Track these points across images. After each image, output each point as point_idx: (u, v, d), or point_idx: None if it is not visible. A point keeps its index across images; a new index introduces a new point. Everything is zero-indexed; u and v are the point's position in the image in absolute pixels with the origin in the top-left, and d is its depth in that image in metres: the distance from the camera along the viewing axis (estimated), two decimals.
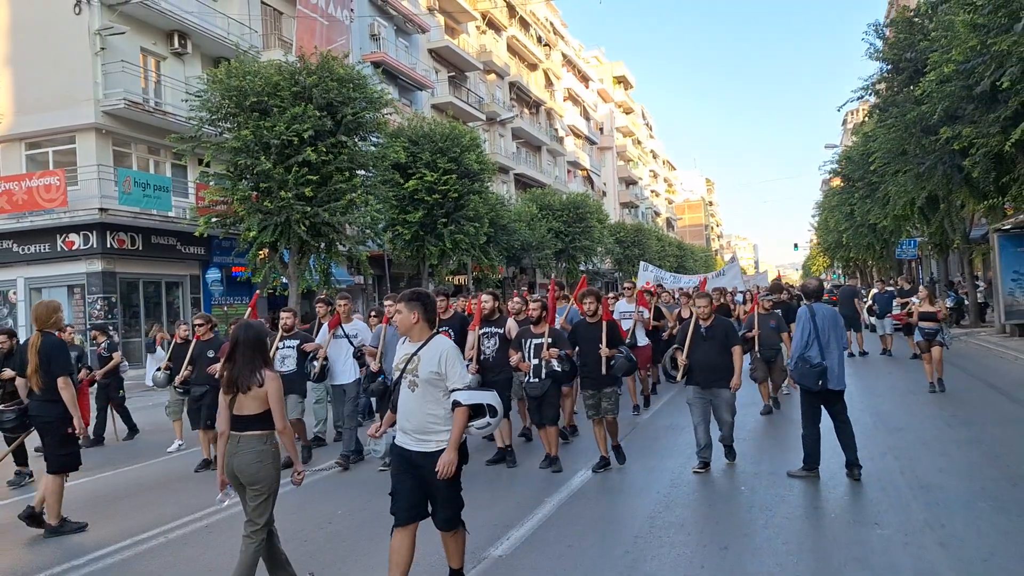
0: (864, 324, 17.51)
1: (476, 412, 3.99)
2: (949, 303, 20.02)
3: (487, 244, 25.45)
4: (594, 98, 68.58)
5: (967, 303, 22.12)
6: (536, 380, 7.04)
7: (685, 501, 6.02)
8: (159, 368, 9.23)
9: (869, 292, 21.13)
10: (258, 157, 16.10)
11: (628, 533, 5.32)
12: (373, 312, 9.60)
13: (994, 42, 11.53)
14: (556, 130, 54.10)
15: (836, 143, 40.15)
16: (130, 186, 18.84)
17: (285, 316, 8.38)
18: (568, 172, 56.62)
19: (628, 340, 9.27)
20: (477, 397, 4.00)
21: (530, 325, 7.30)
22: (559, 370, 6.90)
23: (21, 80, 20.03)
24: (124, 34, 19.44)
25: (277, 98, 16.28)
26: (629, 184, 74.78)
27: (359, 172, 18.05)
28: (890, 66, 18.62)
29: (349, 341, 8.04)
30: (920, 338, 11.12)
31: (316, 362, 7.93)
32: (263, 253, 17.34)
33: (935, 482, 6.13)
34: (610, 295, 12.56)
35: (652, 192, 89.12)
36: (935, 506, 5.50)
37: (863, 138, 26.05)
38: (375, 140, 18.98)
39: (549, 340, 7.03)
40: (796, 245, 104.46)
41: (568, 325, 8.19)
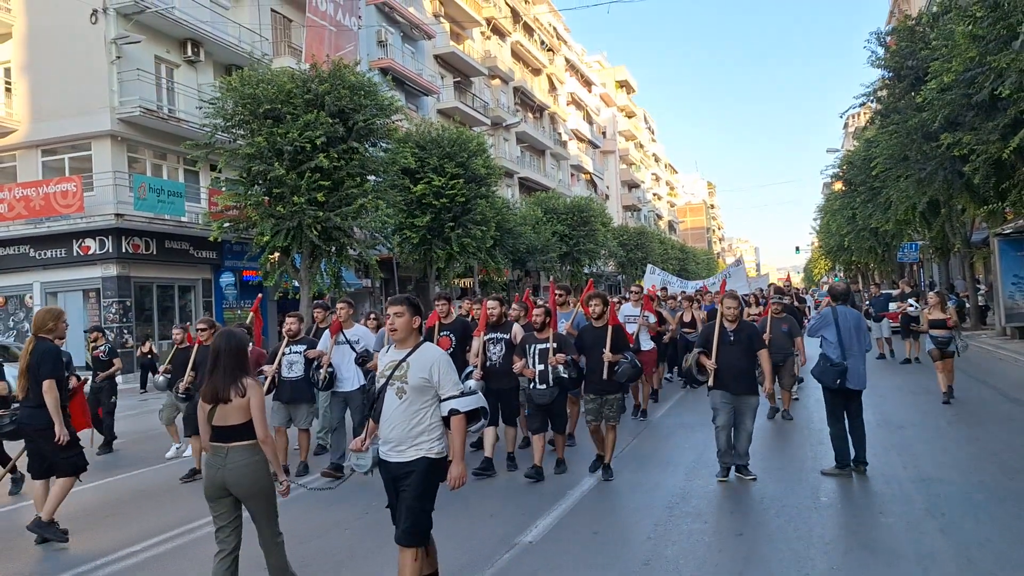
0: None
1: (471, 417, 4.05)
2: (950, 306, 20.21)
3: (493, 248, 25.74)
4: (597, 102, 69.05)
5: (968, 306, 22.39)
6: (544, 387, 6.79)
7: (700, 493, 6.35)
8: (159, 372, 9.00)
9: (867, 295, 21.33)
10: (271, 163, 16.48)
11: (649, 521, 5.65)
12: (372, 315, 9.65)
13: (993, 59, 11.83)
14: (559, 134, 54.53)
15: (838, 147, 40.33)
16: (145, 192, 19.20)
17: (289, 322, 7.95)
18: (572, 176, 57.03)
19: (633, 345, 9.00)
20: (471, 403, 4.03)
21: (534, 331, 7.09)
22: (566, 376, 6.74)
23: (38, 88, 20.45)
24: (139, 43, 19.81)
25: (290, 105, 16.67)
26: (632, 187, 75.25)
27: (370, 177, 18.42)
28: (892, 73, 18.90)
29: (351, 347, 7.76)
30: (932, 346, 10.58)
31: (322, 370, 7.54)
32: (275, 257, 17.70)
33: (936, 476, 6.47)
34: (614, 299, 12.70)
35: (654, 195, 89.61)
36: (936, 497, 5.83)
37: (865, 143, 26.34)
38: (385, 146, 19.35)
39: (554, 345, 6.83)
40: (797, 248, 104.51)
41: (574, 331, 7.88)
